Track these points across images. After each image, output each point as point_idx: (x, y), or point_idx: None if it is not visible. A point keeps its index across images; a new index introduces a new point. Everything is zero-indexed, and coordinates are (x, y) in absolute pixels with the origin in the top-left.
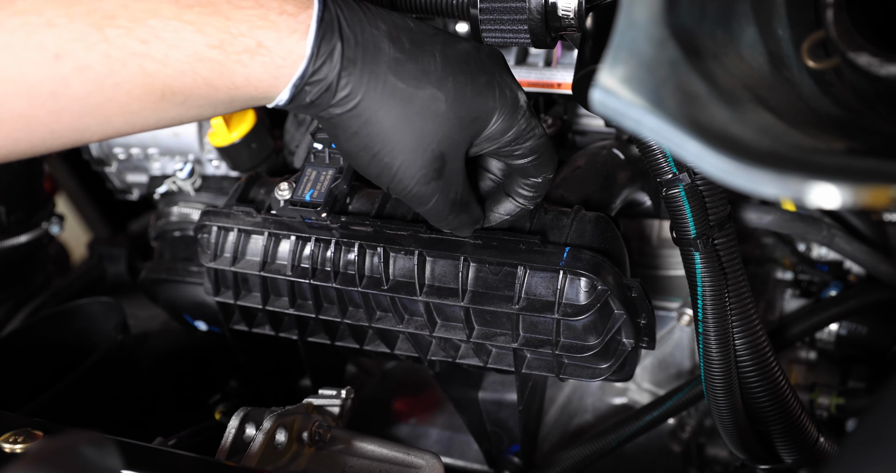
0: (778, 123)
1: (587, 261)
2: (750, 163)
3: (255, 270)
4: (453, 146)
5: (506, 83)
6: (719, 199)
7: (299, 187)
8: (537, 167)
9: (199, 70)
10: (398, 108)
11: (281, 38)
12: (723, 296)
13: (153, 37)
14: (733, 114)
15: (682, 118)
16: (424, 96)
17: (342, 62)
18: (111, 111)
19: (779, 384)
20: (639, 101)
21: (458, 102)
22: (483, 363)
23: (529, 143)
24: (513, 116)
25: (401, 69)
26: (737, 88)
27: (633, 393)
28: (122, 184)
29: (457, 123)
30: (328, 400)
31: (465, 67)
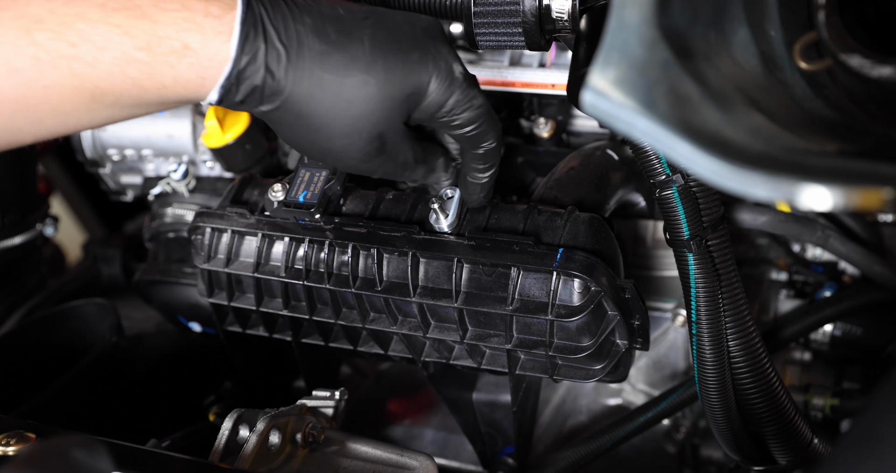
0: (770, 125)
1: (581, 262)
2: (741, 165)
3: (248, 271)
4: (391, 124)
5: (441, 55)
6: (713, 200)
7: (293, 189)
8: (477, 137)
9: (128, 71)
10: (328, 98)
11: (206, 41)
12: (716, 297)
13: (81, 40)
14: (725, 116)
15: (674, 120)
16: (353, 83)
17: (266, 61)
18: (43, 112)
19: (773, 386)
20: (630, 103)
21: (390, 83)
22: (477, 365)
23: (466, 113)
24: (449, 89)
25: (327, 61)
26: (729, 90)
27: (627, 394)
28: (117, 185)
29: (390, 103)
30: (322, 402)
31: (396, 46)
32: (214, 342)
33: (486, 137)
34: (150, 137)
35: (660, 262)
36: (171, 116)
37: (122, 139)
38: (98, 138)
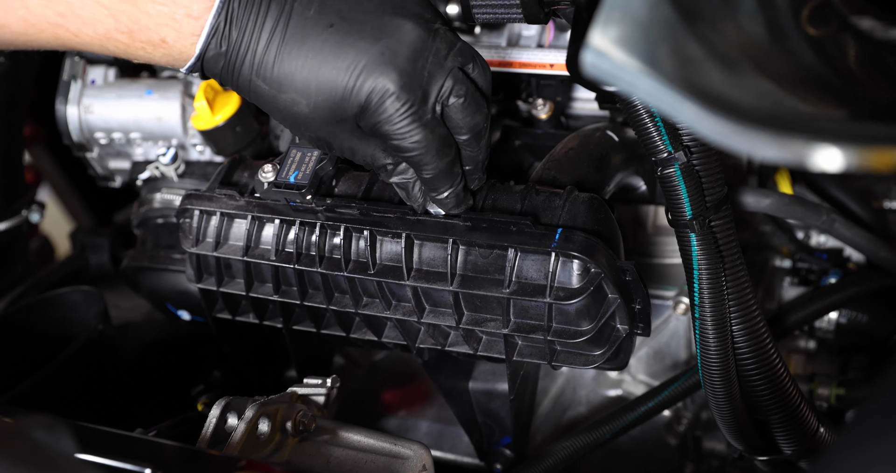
0: (777, 90)
1: (580, 242)
2: (749, 125)
3: (238, 255)
4: (330, 133)
5: (381, 72)
6: (716, 179)
7: (283, 169)
8: (414, 165)
9: (107, 46)
10: (266, 106)
11: (180, 38)
12: (720, 281)
13: (69, 12)
14: (731, 78)
15: (679, 80)
16: (286, 100)
17: (221, 65)
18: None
19: (778, 373)
20: (633, 62)
21: (321, 108)
22: (473, 351)
23: (399, 142)
24: (379, 114)
25: (265, 74)
26: (735, 54)
27: (627, 385)
28: (104, 170)
29: (323, 122)
30: (313, 389)
31: (335, 64)
32: (204, 330)
33: (423, 167)
34: (138, 119)
35: (661, 249)
36: (160, 98)
37: (109, 122)
38: (85, 121)
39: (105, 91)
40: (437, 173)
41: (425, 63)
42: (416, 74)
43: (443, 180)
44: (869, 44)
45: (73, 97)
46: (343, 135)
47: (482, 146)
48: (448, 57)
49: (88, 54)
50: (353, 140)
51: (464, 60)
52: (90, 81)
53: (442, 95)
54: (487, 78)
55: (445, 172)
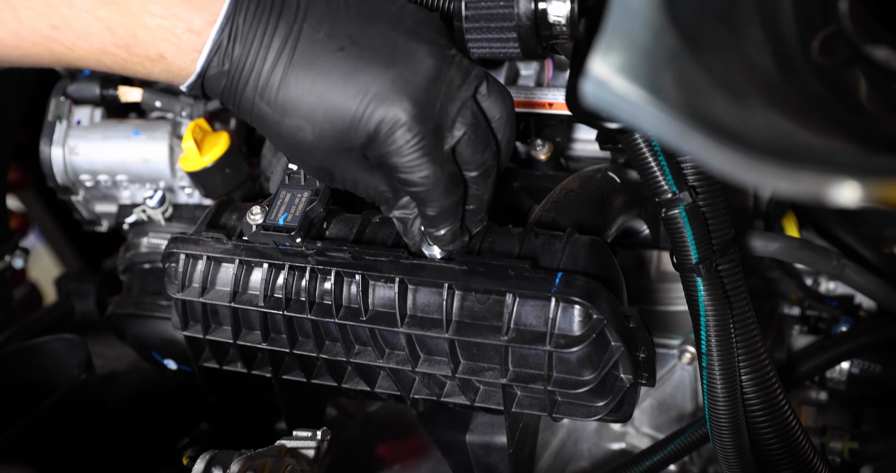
0: (787, 123)
1: (581, 287)
2: (761, 157)
3: (225, 301)
4: (334, 162)
5: (392, 100)
6: (723, 221)
7: (272, 211)
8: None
9: (103, 60)
10: (268, 131)
11: (180, 54)
12: (728, 326)
13: (64, 25)
14: (740, 109)
15: (685, 110)
16: (290, 125)
17: (223, 84)
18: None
19: (789, 426)
20: (636, 90)
21: (326, 136)
22: (470, 402)
23: (408, 176)
24: (405, 134)
25: (269, 97)
26: (743, 85)
27: (631, 438)
28: (90, 214)
29: (327, 151)
30: (303, 442)
31: (344, 90)
32: (191, 380)
33: (428, 204)
34: (124, 161)
35: (665, 296)
36: (148, 138)
37: (94, 164)
38: (70, 163)
39: (91, 132)
40: (441, 211)
41: (438, 93)
42: (429, 104)
43: (445, 219)
44: (881, 75)
45: (58, 138)
46: (348, 165)
47: (489, 185)
48: (462, 87)
49: (75, 94)
50: (357, 171)
51: (479, 87)
52: (76, 122)
53: (454, 129)
54: (506, 105)
55: (450, 210)
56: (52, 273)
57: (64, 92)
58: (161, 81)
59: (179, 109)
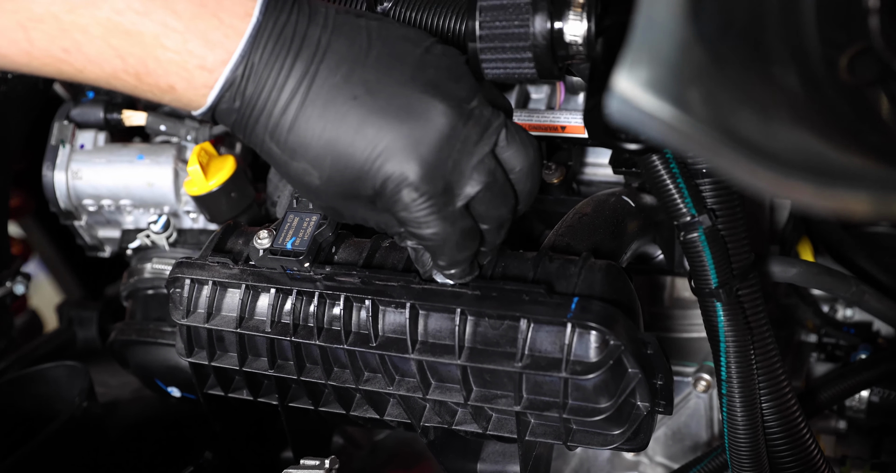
0: (816, 141)
1: (598, 312)
2: (794, 174)
3: (230, 327)
4: (341, 203)
5: (401, 158)
6: (742, 245)
7: (280, 235)
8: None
9: (114, 84)
10: (277, 168)
11: (190, 88)
12: (748, 352)
13: (75, 49)
14: (768, 127)
15: (713, 125)
16: (297, 168)
17: (233, 119)
18: None
19: (811, 455)
20: (664, 106)
21: (334, 183)
22: (482, 430)
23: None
24: (412, 193)
25: (279, 138)
26: (769, 103)
27: (644, 467)
28: (93, 240)
29: (335, 195)
30: (310, 471)
31: (353, 141)
32: (195, 408)
33: (438, 256)
34: (128, 185)
35: (679, 322)
36: (152, 162)
37: (98, 188)
38: (73, 187)
39: (94, 156)
40: (452, 262)
41: (451, 151)
42: (441, 164)
43: (457, 265)
44: None
45: (61, 162)
46: (356, 208)
47: (502, 234)
48: (479, 143)
49: (78, 118)
50: (366, 212)
51: (498, 139)
52: (79, 146)
53: (468, 186)
54: (528, 156)
55: (462, 261)
56: (53, 301)
57: (67, 116)
58: (173, 107)
59: (184, 133)
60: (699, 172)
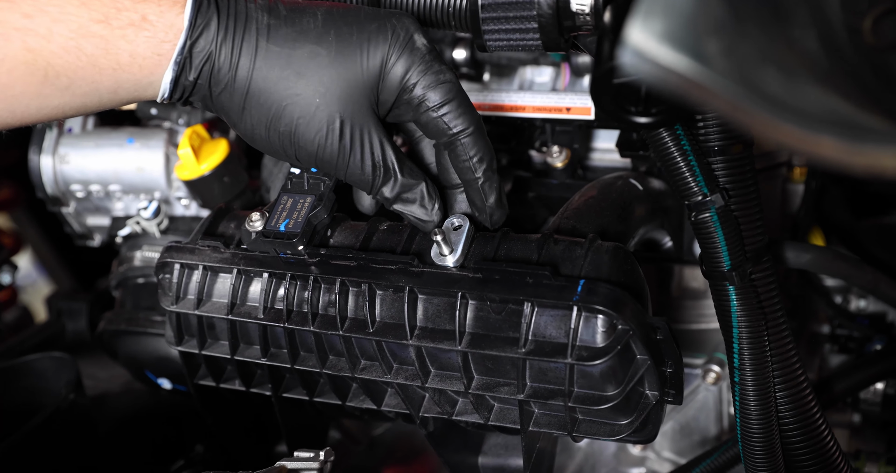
0: (843, 103)
1: (605, 295)
2: (823, 130)
3: (222, 313)
4: (350, 103)
5: (402, 26)
6: (756, 226)
7: (273, 217)
8: (452, 120)
9: (84, 46)
10: (276, 71)
11: (163, 12)
12: (762, 339)
13: (37, 10)
14: (792, 85)
15: (735, 79)
16: (302, 55)
17: (218, 32)
18: None
19: (827, 446)
20: (681, 59)
21: (343, 55)
22: (484, 420)
23: (434, 91)
24: (410, 57)
25: (275, 34)
26: (791, 63)
27: (651, 463)
28: (82, 227)
29: (345, 76)
30: (305, 463)
31: (352, 19)
32: (186, 401)
33: (463, 121)
34: (117, 170)
35: (688, 313)
36: (142, 147)
37: (86, 173)
38: (60, 172)
39: (82, 140)
40: (476, 128)
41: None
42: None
43: (483, 146)
44: None
45: (48, 146)
46: (361, 105)
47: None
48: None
49: None
50: (367, 118)
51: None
52: (67, 130)
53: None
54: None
55: (481, 131)
56: (42, 294)
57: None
58: (143, 77)
59: (176, 117)
60: (711, 149)
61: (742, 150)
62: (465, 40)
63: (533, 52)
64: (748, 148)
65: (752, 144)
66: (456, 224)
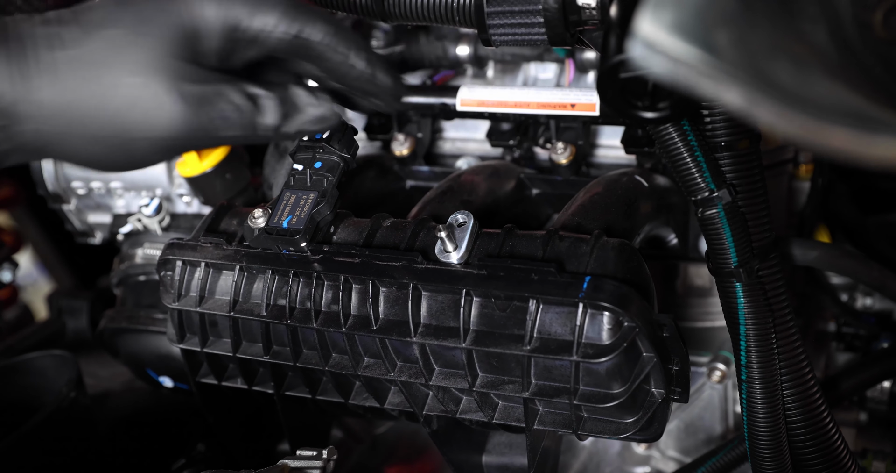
0: (854, 95)
1: (611, 292)
2: (837, 122)
3: (224, 310)
4: (176, 68)
5: None
6: (763, 222)
7: (276, 214)
8: (289, 24)
9: None
10: (84, 85)
11: None
12: (770, 336)
13: None
14: (803, 77)
15: (747, 69)
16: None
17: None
18: None
19: (835, 445)
20: (691, 50)
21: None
22: (488, 419)
23: (261, 11)
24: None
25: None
26: (803, 56)
27: (656, 462)
28: (83, 225)
29: (154, 42)
30: (307, 462)
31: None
32: (188, 399)
33: (302, 22)
34: None
35: (692, 311)
36: None
37: (87, 171)
38: (61, 170)
39: None
40: (324, 23)
41: None
42: None
43: (348, 38)
44: None
45: None
46: (185, 62)
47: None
48: None
49: None
50: (199, 71)
51: None
52: None
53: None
54: None
55: (334, 25)
56: (43, 293)
57: None
58: None
59: None
60: (718, 144)
61: (749, 145)
62: (468, 37)
63: (537, 49)
64: (755, 143)
65: (759, 139)
66: (460, 221)
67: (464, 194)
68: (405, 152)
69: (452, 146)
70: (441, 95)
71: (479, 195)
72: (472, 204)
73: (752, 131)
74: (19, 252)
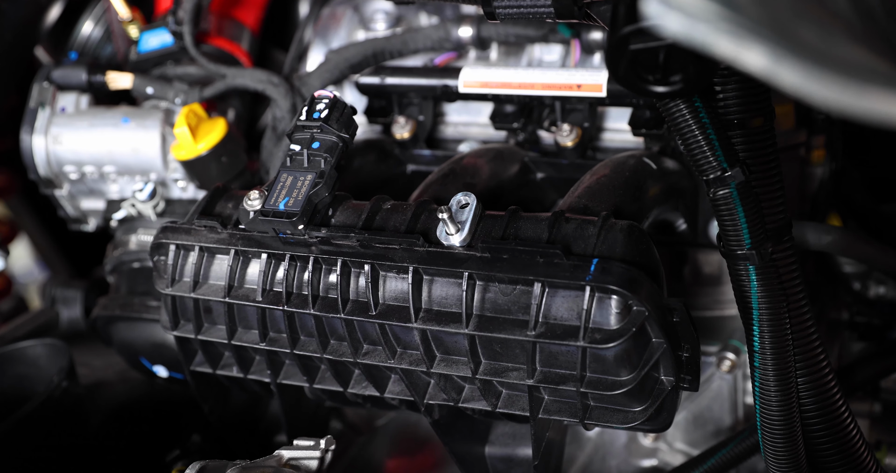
0: (877, 59)
1: (619, 275)
2: (866, 82)
3: (218, 296)
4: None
5: None
6: (778, 203)
7: (272, 195)
8: None
9: None
10: None
11: None
12: (783, 321)
13: None
14: (828, 40)
15: (772, 26)
16: None
17: None
18: None
19: (849, 435)
20: (711, 6)
21: None
22: (491, 407)
23: None
24: None
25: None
26: (826, 20)
27: (663, 454)
28: (76, 211)
29: None
30: (305, 452)
31: None
32: (183, 389)
33: None
34: (112, 151)
35: (701, 300)
36: (138, 126)
37: (79, 154)
38: (53, 153)
39: (76, 119)
40: None
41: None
42: None
43: None
44: None
45: (40, 126)
46: None
47: None
48: None
49: (60, 80)
50: None
51: None
52: (60, 109)
53: None
54: None
55: None
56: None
57: (47, 77)
58: None
59: (173, 96)
60: (731, 122)
61: (763, 123)
62: (470, 18)
63: (542, 29)
64: (769, 121)
65: (773, 116)
66: (462, 202)
67: (466, 178)
68: (406, 136)
69: (455, 130)
70: (443, 77)
71: (482, 179)
72: (475, 188)
73: (767, 108)
74: (13, 242)
